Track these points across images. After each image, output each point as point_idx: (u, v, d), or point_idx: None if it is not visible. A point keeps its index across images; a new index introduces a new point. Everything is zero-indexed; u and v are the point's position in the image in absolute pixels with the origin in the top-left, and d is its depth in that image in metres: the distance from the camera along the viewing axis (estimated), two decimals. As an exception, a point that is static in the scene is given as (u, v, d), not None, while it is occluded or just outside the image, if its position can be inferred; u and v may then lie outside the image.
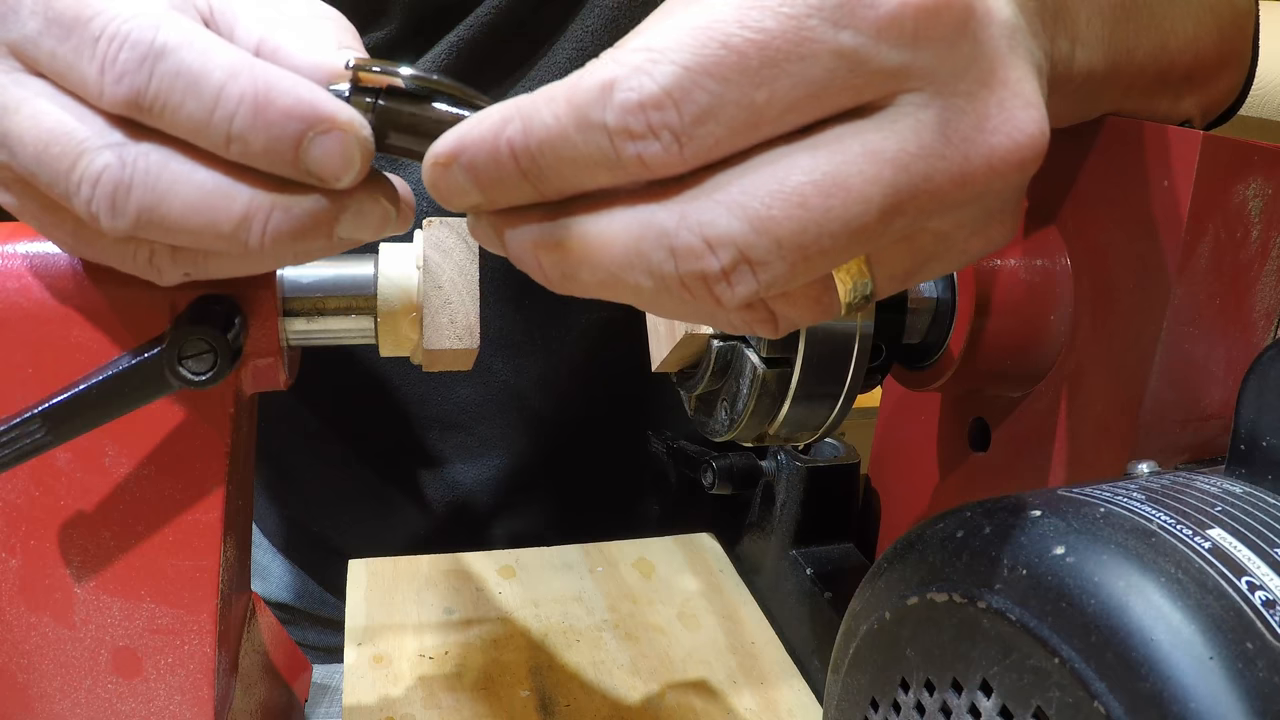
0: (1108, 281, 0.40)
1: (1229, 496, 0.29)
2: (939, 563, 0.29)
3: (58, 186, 0.26)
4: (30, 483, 0.35)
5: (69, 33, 0.24)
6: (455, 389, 0.62)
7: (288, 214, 0.25)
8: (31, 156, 0.26)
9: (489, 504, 0.65)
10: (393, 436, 0.64)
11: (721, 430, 0.40)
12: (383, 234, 0.28)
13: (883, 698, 0.30)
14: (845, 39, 0.22)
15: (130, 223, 0.25)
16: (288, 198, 0.25)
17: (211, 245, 0.26)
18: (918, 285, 0.42)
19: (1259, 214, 0.38)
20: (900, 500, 0.54)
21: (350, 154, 0.24)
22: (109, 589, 0.36)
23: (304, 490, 0.68)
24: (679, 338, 0.39)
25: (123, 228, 0.25)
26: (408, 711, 0.46)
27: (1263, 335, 0.40)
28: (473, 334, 0.36)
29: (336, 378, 0.61)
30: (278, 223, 0.25)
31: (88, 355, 0.34)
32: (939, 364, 0.43)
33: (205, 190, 0.25)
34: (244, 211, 0.25)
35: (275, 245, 0.26)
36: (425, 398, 0.63)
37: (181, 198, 0.25)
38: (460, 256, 0.36)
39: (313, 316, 0.36)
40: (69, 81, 0.25)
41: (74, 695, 0.37)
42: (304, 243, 0.26)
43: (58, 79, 0.26)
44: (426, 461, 0.64)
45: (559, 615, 0.54)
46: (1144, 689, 0.23)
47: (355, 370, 0.62)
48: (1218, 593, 0.24)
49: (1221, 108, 0.46)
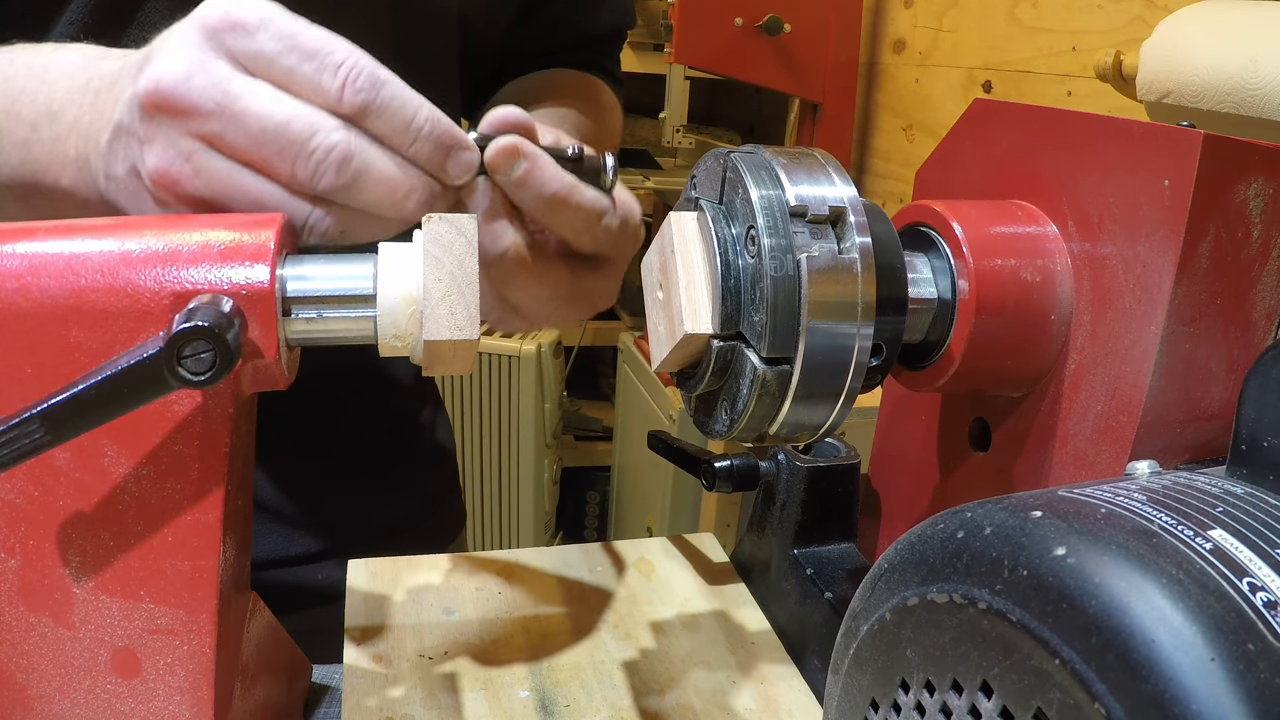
0: (1108, 281, 0.40)
1: (1230, 497, 0.29)
2: (939, 563, 0.29)
3: (289, 151, 0.36)
4: (30, 483, 0.35)
5: (312, 57, 0.37)
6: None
7: (429, 193, 0.39)
8: (268, 129, 0.36)
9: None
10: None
11: (721, 430, 0.40)
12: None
13: (883, 698, 0.30)
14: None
15: (347, 181, 0.37)
16: (432, 183, 0.39)
17: (380, 206, 0.38)
18: (917, 285, 0.42)
19: (1259, 214, 0.38)
20: (900, 500, 0.54)
21: (470, 167, 0.39)
22: (108, 589, 0.36)
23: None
24: (679, 338, 0.39)
25: (340, 184, 0.37)
26: (407, 712, 0.46)
27: (1263, 335, 0.40)
28: (473, 325, 0.36)
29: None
30: (420, 198, 0.38)
31: (88, 355, 0.34)
32: (939, 364, 0.43)
33: (392, 169, 0.38)
34: (409, 186, 0.38)
35: (415, 212, 0.38)
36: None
37: (378, 170, 0.37)
38: (459, 250, 0.36)
39: (313, 316, 0.36)
40: (299, 89, 0.37)
41: (74, 695, 0.37)
42: (428, 209, 0.38)
43: (286, 85, 0.37)
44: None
45: (559, 615, 0.54)
46: (1145, 690, 0.23)
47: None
48: (1219, 594, 0.24)
49: None
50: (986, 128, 0.46)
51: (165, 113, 0.37)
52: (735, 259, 0.38)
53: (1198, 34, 0.75)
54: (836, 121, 1.80)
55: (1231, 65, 0.70)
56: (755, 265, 0.37)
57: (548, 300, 0.43)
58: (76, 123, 0.40)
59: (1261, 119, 0.69)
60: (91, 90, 0.40)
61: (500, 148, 0.39)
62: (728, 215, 0.39)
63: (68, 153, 0.40)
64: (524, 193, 0.40)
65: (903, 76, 1.80)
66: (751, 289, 0.37)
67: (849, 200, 0.38)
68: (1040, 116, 0.43)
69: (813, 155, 0.39)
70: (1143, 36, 0.82)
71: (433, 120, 0.38)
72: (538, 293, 0.43)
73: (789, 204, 0.37)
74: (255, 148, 0.37)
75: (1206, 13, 0.77)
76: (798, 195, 0.37)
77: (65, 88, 0.40)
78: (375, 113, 0.37)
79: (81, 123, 0.40)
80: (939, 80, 1.68)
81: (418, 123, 0.38)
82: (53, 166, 0.40)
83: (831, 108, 1.78)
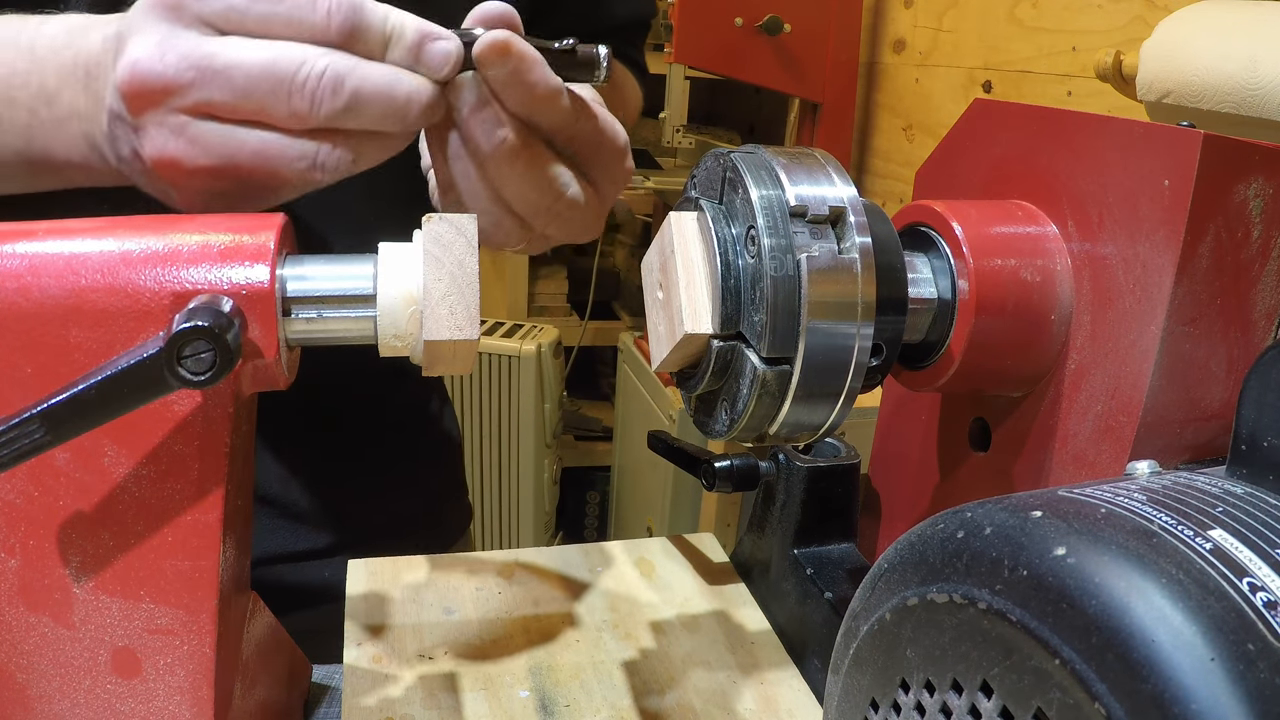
0: (1108, 281, 0.40)
1: (1230, 497, 0.29)
2: (939, 563, 0.29)
3: (281, 89, 0.36)
4: (30, 483, 0.35)
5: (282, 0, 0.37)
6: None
7: (429, 94, 0.39)
8: (254, 74, 0.36)
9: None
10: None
11: (721, 430, 0.40)
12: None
13: (883, 698, 0.30)
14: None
15: (345, 101, 0.37)
16: (426, 82, 0.39)
17: (384, 120, 0.38)
18: (917, 285, 0.42)
19: (1259, 214, 0.38)
20: (900, 500, 0.54)
21: (447, 56, 0.39)
22: (108, 589, 0.36)
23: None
24: (679, 338, 0.39)
25: (340, 106, 0.37)
26: (407, 711, 0.46)
27: (1263, 335, 0.40)
28: (473, 325, 0.36)
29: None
30: (422, 99, 0.38)
31: (88, 355, 0.34)
32: (939, 364, 0.43)
33: (386, 77, 0.38)
34: (407, 89, 0.38)
35: (420, 117, 0.39)
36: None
37: (373, 82, 0.37)
38: (459, 250, 0.36)
39: (313, 316, 0.36)
40: (277, 31, 0.37)
41: (74, 695, 0.37)
42: (430, 114, 0.39)
43: (263, 32, 0.37)
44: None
45: (559, 615, 0.54)
46: (1145, 690, 0.23)
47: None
48: (1219, 594, 0.24)
49: None
50: (986, 128, 0.46)
51: (147, 99, 0.37)
52: (735, 259, 0.38)
53: (1198, 34, 0.75)
54: (836, 121, 1.80)
55: (1231, 65, 0.70)
56: (755, 265, 0.37)
57: (542, 193, 0.42)
58: (74, 106, 0.40)
59: (1261, 119, 0.69)
60: (81, 70, 0.40)
61: (489, 43, 0.38)
62: (728, 215, 0.39)
63: (73, 133, 0.40)
64: (511, 90, 0.39)
65: (903, 76, 1.80)
66: (751, 289, 0.37)
67: (849, 200, 0.38)
68: (1040, 116, 0.43)
69: (813, 155, 0.39)
70: (1143, 36, 0.82)
71: (407, 21, 0.38)
72: (534, 184, 0.42)
73: (789, 204, 0.37)
74: (246, 98, 0.37)
75: (1206, 13, 0.77)
76: (798, 195, 0.37)
77: (55, 68, 0.40)
78: (359, 32, 0.37)
79: (79, 106, 0.40)
80: (939, 80, 1.68)
81: (390, 25, 0.38)
82: (60, 146, 0.41)
83: (831, 108, 1.78)
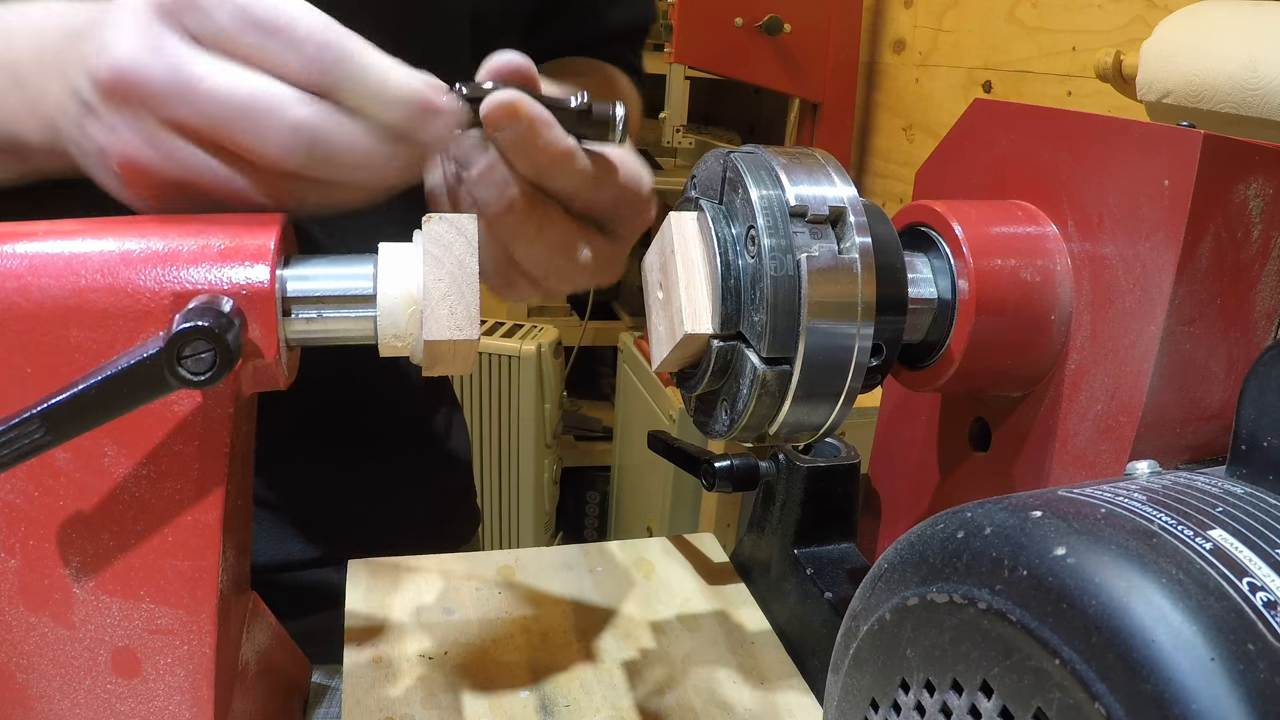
0: (1108, 281, 0.40)
1: (1230, 497, 0.29)
2: (939, 563, 0.29)
3: (253, 131, 0.35)
4: (30, 483, 0.35)
5: (275, 34, 0.35)
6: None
7: (409, 158, 0.36)
8: (232, 108, 0.35)
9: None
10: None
11: (721, 430, 0.40)
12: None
13: (883, 698, 0.30)
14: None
15: (319, 158, 0.35)
16: (411, 147, 0.36)
17: (359, 178, 0.36)
18: (917, 285, 0.42)
19: (1259, 214, 0.38)
20: (900, 500, 0.54)
21: (445, 135, 0.36)
22: (108, 589, 0.36)
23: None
24: (679, 338, 0.39)
25: (311, 160, 0.35)
26: (407, 711, 0.46)
27: (1263, 335, 0.40)
28: (473, 325, 0.36)
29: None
30: (400, 163, 0.36)
31: (88, 355, 0.34)
32: (939, 364, 0.43)
33: (365, 141, 0.36)
34: (386, 154, 0.36)
35: (399, 177, 0.37)
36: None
37: (349, 143, 0.35)
38: (459, 250, 0.36)
39: (313, 316, 0.36)
40: (263, 64, 0.35)
41: (74, 695, 0.37)
42: (412, 175, 0.37)
43: (249, 60, 0.35)
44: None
45: (559, 615, 0.54)
46: (1145, 690, 0.23)
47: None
48: (1219, 594, 0.24)
49: None
50: (986, 128, 0.46)
51: (125, 98, 0.35)
52: (735, 259, 0.38)
53: (1198, 34, 0.75)
54: (836, 121, 1.80)
55: (1231, 65, 0.70)
56: (755, 265, 0.37)
57: (554, 255, 0.41)
58: (43, 89, 0.39)
59: (1261, 119, 0.69)
60: (52, 54, 0.39)
61: (497, 104, 0.36)
62: (728, 215, 0.39)
63: (41, 115, 0.39)
64: (520, 153, 0.38)
65: (903, 76, 1.80)
66: (751, 289, 0.37)
67: (849, 200, 0.38)
68: (1040, 116, 0.43)
69: (813, 155, 0.39)
70: (1143, 36, 0.82)
71: (402, 85, 0.35)
72: (545, 246, 0.41)
73: (789, 204, 0.37)
74: (218, 128, 0.35)
75: (1207, 13, 0.77)
76: (798, 195, 0.37)
77: (31, 49, 0.39)
78: (344, 85, 0.35)
79: (49, 89, 0.38)
80: (939, 80, 1.68)
81: (388, 90, 0.35)
82: (27, 130, 0.40)
83: (831, 108, 1.78)
